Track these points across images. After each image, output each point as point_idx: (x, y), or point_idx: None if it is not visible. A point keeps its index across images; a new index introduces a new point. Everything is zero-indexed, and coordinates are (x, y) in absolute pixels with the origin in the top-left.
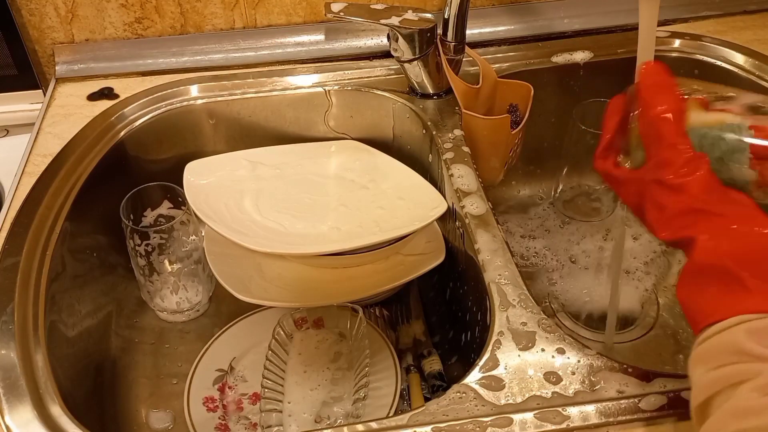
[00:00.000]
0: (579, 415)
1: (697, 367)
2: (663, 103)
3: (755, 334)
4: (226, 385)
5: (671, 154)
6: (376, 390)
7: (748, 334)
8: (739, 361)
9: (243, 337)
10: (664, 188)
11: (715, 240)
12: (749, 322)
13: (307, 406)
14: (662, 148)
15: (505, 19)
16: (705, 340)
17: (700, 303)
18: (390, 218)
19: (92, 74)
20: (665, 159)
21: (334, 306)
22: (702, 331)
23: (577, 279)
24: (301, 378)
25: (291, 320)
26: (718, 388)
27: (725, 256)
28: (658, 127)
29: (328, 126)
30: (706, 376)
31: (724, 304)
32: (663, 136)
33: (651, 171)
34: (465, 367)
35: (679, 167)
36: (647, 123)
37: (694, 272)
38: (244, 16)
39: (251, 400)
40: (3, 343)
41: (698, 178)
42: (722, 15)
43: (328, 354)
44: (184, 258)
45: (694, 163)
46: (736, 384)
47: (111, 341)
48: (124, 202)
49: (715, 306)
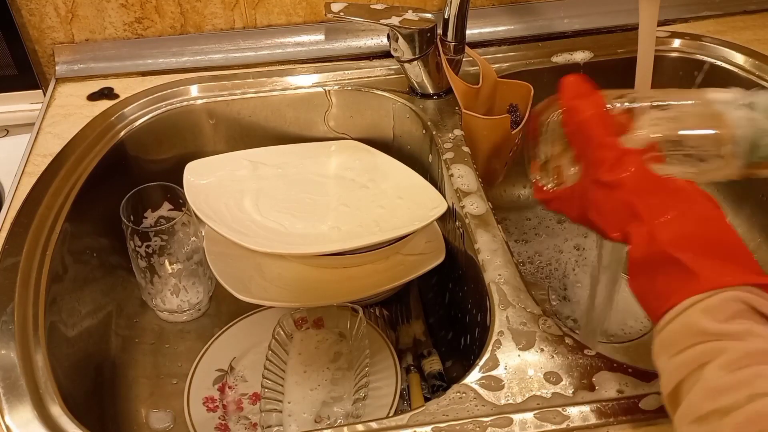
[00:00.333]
0: (579, 415)
1: (660, 355)
2: (587, 107)
3: (710, 312)
4: (226, 385)
5: (602, 152)
6: (376, 390)
7: (703, 313)
8: (700, 342)
9: (243, 337)
10: (600, 186)
11: (655, 229)
12: (702, 302)
13: (307, 406)
14: (593, 149)
15: (505, 19)
16: (663, 327)
17: (653, 293)
18: (390, 218)
19: (92, 74)
20: (597, 158)
21: (334, 306)
22: (659, 319)
23: (577, 278)
24: (301, 378)
25: (291, 320)
26: (684, 372)
27: (664, 244)
28: (586, 130)
29: (328, 126)
30: (670, 363)
31: (675, 290)
32: (592, 137)
33: (585, 173)
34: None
35: (611, 164)
36: (575, 130)
37: (640, 264)
38: (244, 16)
39: (251, 400)
40: (3, 343)
41: (632, 173)
42: (722, 15)
43: (328, 354)
44: (184, 258)
45: (626, 158)
46: (702, 365)
47: (111, 341)
48: (124, 202)
49: (666, 293)
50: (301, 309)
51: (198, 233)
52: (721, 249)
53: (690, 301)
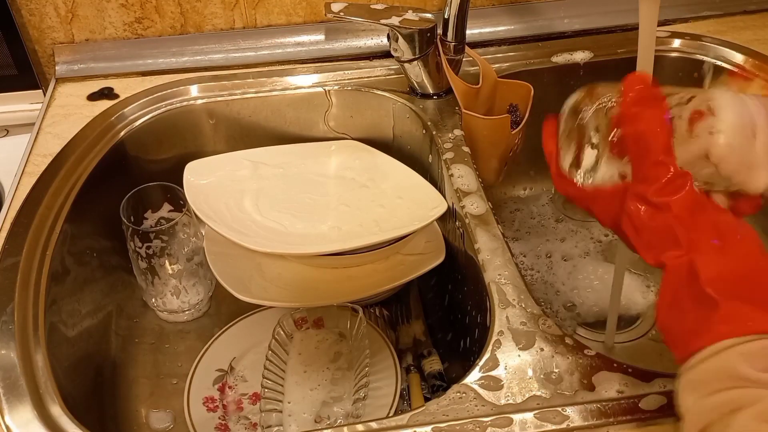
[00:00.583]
0: (579, 415)
1: (689, 394)
2: (650, 120)
3: (749, 358)
4: (226, 385)
5: (657, 170)
6: (376, 390)
7: (742, 357)
8: (735, 386)
9: (243, 337)
10: (644, 203)
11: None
12: (741, 345)
13: (307, 406)
14: (648, 165)
15: (505, 19)
16: (695, 366)
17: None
18: (390, 218)
19: (92, 74)
20: (650, 175)
21: (334, 306)
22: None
23: (578, 278)
24: (301, 378)
25: (291, 320)
26: (715, 415)
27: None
28: (645, 144)
29: (328, 126)
30: (700, 403)
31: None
32: (650, 152)
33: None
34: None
35: (663, 185)
36: (633, 138)
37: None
38: (244, 16)
39: (251, 400)
40: (3, 343)
41: (681, 197)
42: (722, 15)
43: (328, 354)
44: (184, 259)
45: (678, 182)
46: (735, 410)
47: (111, 341)
48: (124, 202)
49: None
50: (301, 309)
51: (198, 233)
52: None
53: (728, 343)
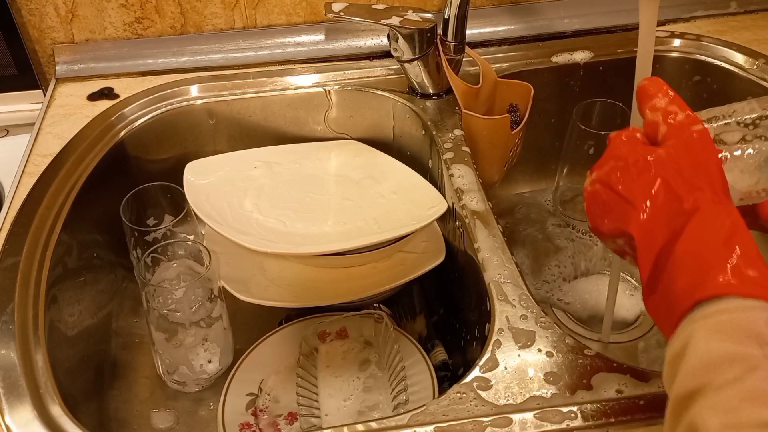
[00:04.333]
0: (579, 415)
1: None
2: None
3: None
4: (258, 409)
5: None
6: (414, 394)
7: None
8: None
9: (266, 359)
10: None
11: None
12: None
13: (343, 417)
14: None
15: (505, 19)
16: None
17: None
18: (390, 218)
19: (92, 74)
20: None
21: (357, 315)
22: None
23: (577, 278)
24: (333, 390)
25: (314, 334)
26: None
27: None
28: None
29: (328, 126)
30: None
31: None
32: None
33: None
34: (465, 366)
35: None
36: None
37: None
38: (244, 16)
39: (287, 420)
40: (3, 343)
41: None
42: (722, 15)
43: (356, 363)
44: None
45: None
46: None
47: (111, 341)
48: (125, 203)
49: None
50: (323, 322)
51: (198, 234)
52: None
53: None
